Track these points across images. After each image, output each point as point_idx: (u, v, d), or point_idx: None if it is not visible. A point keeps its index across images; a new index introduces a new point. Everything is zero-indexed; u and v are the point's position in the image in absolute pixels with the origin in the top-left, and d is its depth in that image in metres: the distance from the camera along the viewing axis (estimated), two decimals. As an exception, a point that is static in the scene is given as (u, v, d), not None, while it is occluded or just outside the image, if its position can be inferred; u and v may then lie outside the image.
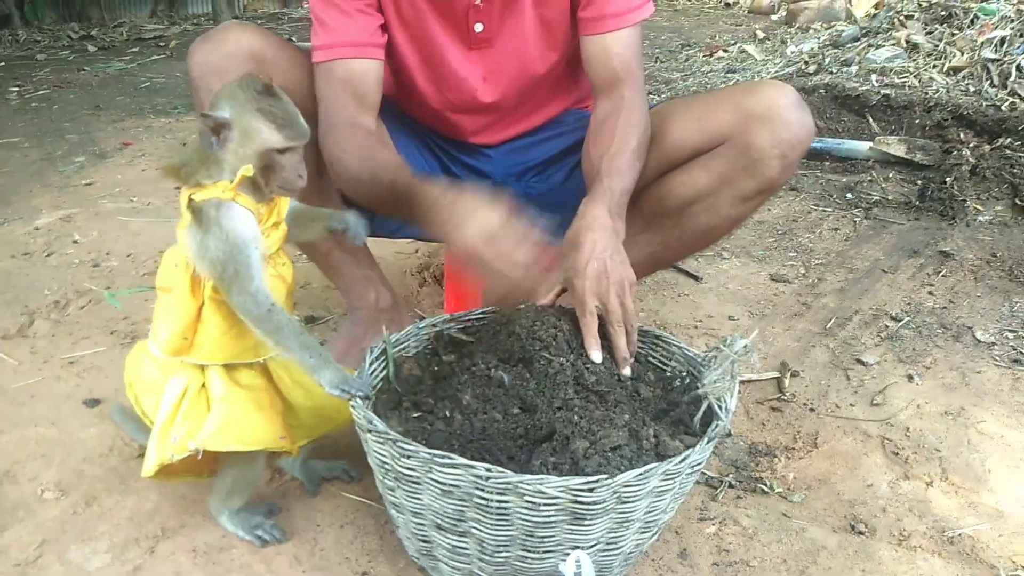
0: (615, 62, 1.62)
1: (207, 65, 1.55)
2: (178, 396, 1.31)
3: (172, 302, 1.28)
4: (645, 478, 1.12)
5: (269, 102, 1.20)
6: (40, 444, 1.68)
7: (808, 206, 3.19)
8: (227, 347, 1.30)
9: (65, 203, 3.14)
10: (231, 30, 1.57)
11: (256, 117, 1.19)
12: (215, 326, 1.28)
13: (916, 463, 1.67)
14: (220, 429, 1.28)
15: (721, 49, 6.18)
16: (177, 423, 1.30)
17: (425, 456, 1.12)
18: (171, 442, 1.30)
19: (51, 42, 7.01)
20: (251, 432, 1.30)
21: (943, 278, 2.54)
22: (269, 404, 1.35)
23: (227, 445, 1.29)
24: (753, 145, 1.56)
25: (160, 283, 1.31)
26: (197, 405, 1.31)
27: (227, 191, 1.21)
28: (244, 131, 1.19)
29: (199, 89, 1.57)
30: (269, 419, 1.33)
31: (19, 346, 2.08)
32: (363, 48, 1.58)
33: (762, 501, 1.54)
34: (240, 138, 1.19)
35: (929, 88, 4.14)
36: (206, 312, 1.27)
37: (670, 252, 1.81)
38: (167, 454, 1.30)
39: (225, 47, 1.54)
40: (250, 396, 1.33)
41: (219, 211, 1.20)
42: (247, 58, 1.54)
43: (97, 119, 4.49)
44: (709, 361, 1.31)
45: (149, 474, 1.32)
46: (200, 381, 1.33)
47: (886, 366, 2.04)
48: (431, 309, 2.26)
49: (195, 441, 1.27)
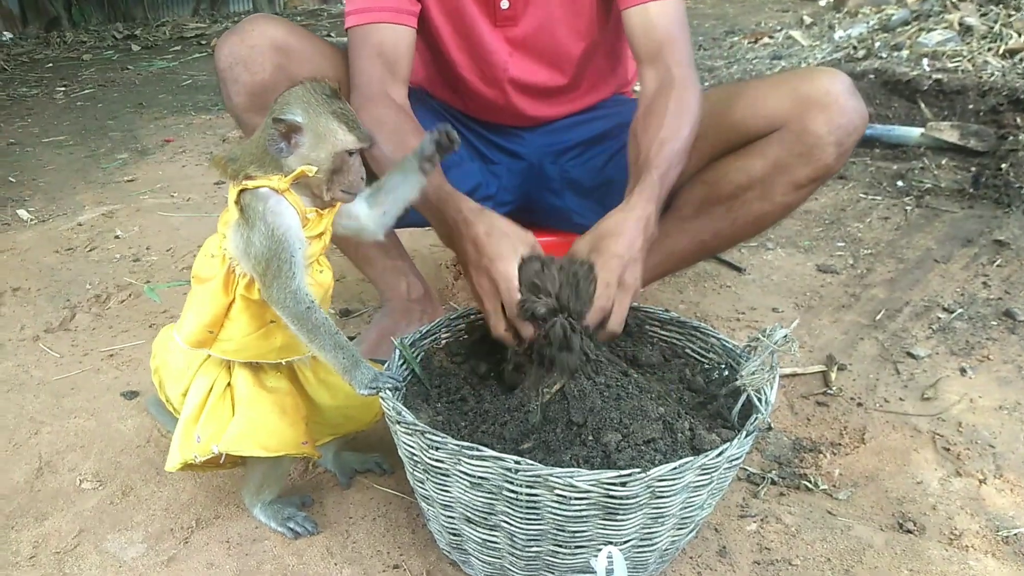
0: (658, 32, 1.56)
1: (233, 56, 1.55)
2: (204, 393, 1.32)
3: (203, 294, 1.27)
4: (680, 472, 1.08)
5: (340, 105, 1.20)
6: (79, 435, 1.70)
7: (857, 194, 3.09)
8: (250, 347, 1.29)
9: (108, 199, 3.18)
10: (257, 22, 1.58)
11: (331, 119, 1.18)
12: (242, 325, 1.27)
13: (969, 459, 1.60)
14: (243, 433, 1.29)
15: (766, 35, 6.04)
16: (201, 422, 1.30)
17: (454, 447, 1.10)
18: (194, 441, 1.30)
19: (97, 42, 7.15)
20: (273, 437, 1.30)
21: (998, 268, 2.43)
22: (293, 408, 1.34)
23: (249, 450, 1.29)
24: (810, 131, 1.54)
25: (195, 271, 1.30)
26: (222, 405, 1.31)
27: (283, 182, 1.19)
28: (318, 134, 1.18)
29: (226, 81, 1.57)
30: (292, 424, 1.32)
31: (60, 339, 2.11)
32: (398, 14, 1.57)
33: (806, 498, 1.49)
34: (313, 141, 1.18)
35: (984, 72, 3.98)
36: (235, 310, 1.26)
37: (720, 240, 1.77)
38: (190, 454, 1.30)
39: (251, 38, 1.55)
40: (274, 400, 1.32)
41: (267, 205, 1.18)
42: (273, 49, 1.54)
43: (140, 117, 4.56)
44: (748, 352, 1.27)
45: (172, 469, 1.34)
46: (226, 380, 1.33)
47: (938, 359, 1.96)
48: (466, 301, 2.24)
49: (218, 444, 1.28)
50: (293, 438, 1.32)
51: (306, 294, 1.20)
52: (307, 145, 1.18)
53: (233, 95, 1.58)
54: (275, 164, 1.19)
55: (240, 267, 1.23)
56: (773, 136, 1.59)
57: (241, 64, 1.54)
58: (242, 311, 1.26)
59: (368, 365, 1.23)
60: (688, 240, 1.75)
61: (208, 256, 1.28)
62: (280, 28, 1.57)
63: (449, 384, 1.38)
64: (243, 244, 1.20)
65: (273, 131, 1.17)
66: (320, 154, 1.18)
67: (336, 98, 1.20)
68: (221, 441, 1.28)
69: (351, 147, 1.19)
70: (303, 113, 1.17)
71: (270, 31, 1.55)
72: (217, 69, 1.60)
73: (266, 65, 1.54)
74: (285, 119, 1.16)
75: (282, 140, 1.17)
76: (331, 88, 1.20)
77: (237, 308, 1.26)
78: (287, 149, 1.18)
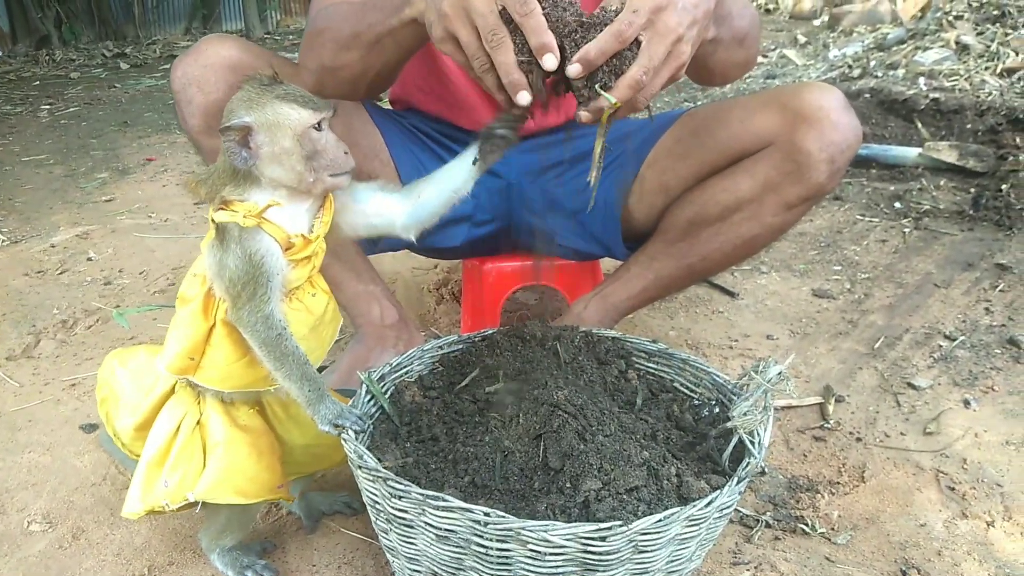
0: None
1: (187, 77, 1.49)
2: (171, 432, 1.22)
3: (184, 317, 1.19)
4: (665, 525, 0.98)
5: (282, 88, 1.11)
6: (32, 472, 1.60)
7: (854, 216, 3.01)
8: (235, 376, 1.20)
9: (83, 220, 3.10)
10: (211, 42, 1.52)
11: (277, 104, 1.10)
12: (225, 352, 1.18)
13: (975, 499, 1.50)
14: (220, 480, 1.19)
15: (761, 55, 6.01)
16: (169, 464, 1.20)
17: (418, 496, 1.01)
18: (162, 486, 1.20)
19: (86, 60, 7.11)
20: (251, 483, 1.21)
21: (1001, 293, 2.35)
22: (269, 450, 1.25)
23: (226, 498, 1.19)
24: (800, 148, 1.47)
25: (181, 292, 1.21)
26: (191, 446, 1.21)
27: (250, 216, 1.10)
28: (271, 125, 1.09)
29: (180, 102, 1.51)
30: (269, 468, 1.24)
31: (22, 367, 2.02)
32: None
33: (803, 543, 1.39)
34: (270, 134, 1.09)
35: (981, 91, 3.93)
36: (216, 336, 1.17)
37: (708, 264, 1.69)
38: (159, 501, 1.20)
39: (204, 59, 1.49)
40: (250, 441, 1.23)
41: (242, 233, 1.10)
42: (226, 68, 1.48)
43: (123, 135, 4.50)
44: (740, 389, 1.18)
45: (134, 517, 1.22)
46: (195, 417, 1.23)
47: (940, 390, 1.87)
48: (448, 327, 2.15)
49: (194, 492, 1.18)
50: (270, 482, 1.23)
51: (279, 320, 1.12)
52: (266, 141, 1.09)
53: (188, 116, 1.51)
54: (248, 177, 1.12)
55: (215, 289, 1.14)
56: (762, 154, 1.52)
57: (195, 85, 1.48)
58: (224, 337, 1.17)
59: (334, 400, 1.14)
60: (675, 264, 1.67)
61: (191, 276, 1.20)
62: (234, 47, 1.51)
63: (420, 422, 1.29)
64: (216, 266, 1.12)
65: (228, 143, 1.09)
66: (284, 143, 1.09)
67: (276, 83, 1.12)
68: (196, 488, 1.18)
69: (310, 121, 1.10)
70: (247, 111, 1.10)
71: (223, 51, 1.49)
72: (172, 91, 1.54)
73: (220, 85, 1.47)
74: (232, 125, 1.08)
75: (241, 148, 1.09)
76: (267, 77, 1.12)
77: (218, 334, 1.17)
78: (250, 155, 1.09)
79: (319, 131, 1.12)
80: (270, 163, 1.10)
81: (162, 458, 1.21)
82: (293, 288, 1.17)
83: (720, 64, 1.38)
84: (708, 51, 1.25)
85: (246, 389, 1.23)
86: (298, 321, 1.18)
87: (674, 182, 1.65)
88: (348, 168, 1.14)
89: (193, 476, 1.19)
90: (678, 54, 1.09)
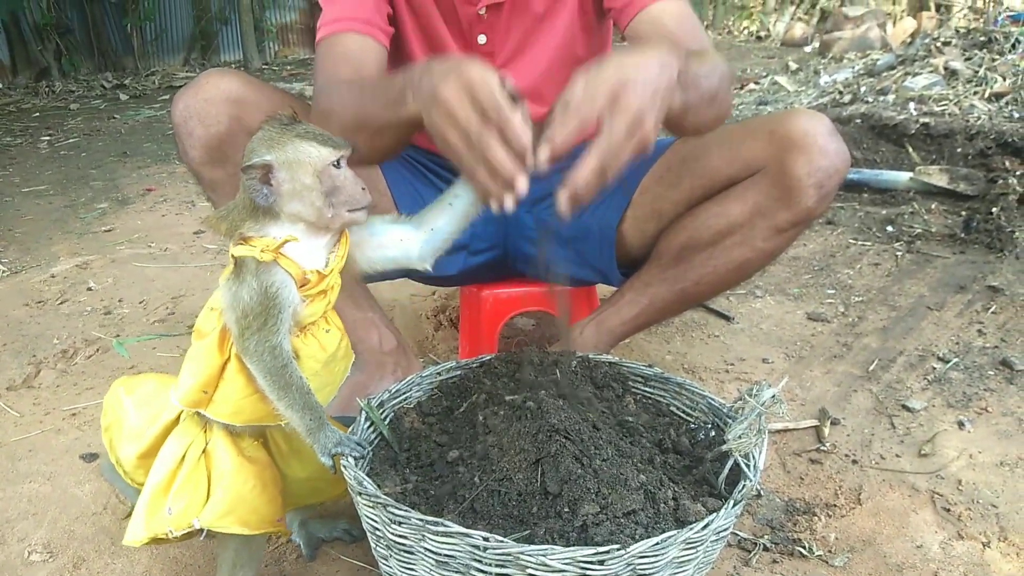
0: (669, 26, 1.50)
1: (188, 110, 1.52)
2: (176, 460, 1.21)
3: (200, 350, 1.19)
4: (663, 548, 0.99)
5: (302, 127, 1.14)
6: (33, 502, 1.61)
7: (846, 240, 3.04)
8: (247, 410, 1.20)
9: (83, 250, 3.12)
10: (211, 76, 1.55)
11: (298, 143, 1.12)
12: (238, 387, 1.18)
13: (970, 521, 1.52)
14: (226, 510, 1.19)
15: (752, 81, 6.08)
16: (173, 492, 1.20)
17: (417, 522, 1.02)
18: (166, 514, 1.19)
19: (85, 91, 7.17)
20: (254, 514, 1.21)
21: (993, 315, 2.37)
22: (272, 482, 1.25)
23: (229, 527, 1.19)
24: (789, 174, 1.49)
25: (198, 326, 1.22)
26: (196, 475, 1.21)
27: (267, 251, 1.13)
28: (292, 162, 1.12)
29: (181, 135, 1.54)
30: (272, 500, 1.24)
31: (23, 397, 2.02)
32: (369, 26, 1.53)
33: (800, 565, 1.40)
34: (291, 171, 1.12)
35: (970, 115, 3.98)
36: (230, 370, 1.18)
37: (702, 289, 1.70)
38: (162, 528, 1.19)
39: (205, 92, 1.51)
40: (256, 472, 1.23)
41: (258, 267, 1.12)
42: (227, 101, 1.51)
43: (123, 166, 4.53)
44: (735, 413, 1.19)
45: (136, 544, 1.22)
46: (201, 446, 1.23)
47: (934, 412, 1.89)
48: (446, 354, 2.17)
49: (200, 519, 1.18)
50: (271, 515, 1.23)
51: (286, 351, 1.13)
52: (287, 179, 1.12)
53: (189, 149, 1.53)
54: (268, 213, 1.14)
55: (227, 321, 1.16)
56: (752, 180, 1.55)
57: (196, 118, 1.50)
58: (237, 372, 1.18)
59: (333, 428, 1.15)
60: (670, 289, 1.69)
61: (208, 309, 1.21)
62: (234, 81, 1.53)
63: (419, 448, 1.30)
64: (231, 298, 1.14)
65: (250, 181, 1.11)
66: (304, 179, 1.12)
67: (296, 123, 1.15)
68: (202, 515, 1.18)
69: (329, 159, 1.13)
70: (268, 150, 1.12)
71: (224, 84, 1.52)
72: (173, 124, 1.56)
73: (221, 118, 1.50)
74: (254, 163, 1.11)
75: (262, 185, 1.11)
76: (287, 117, 1.15)
77: (232, 368, 1.18)
78: (271, 193, 1.12)
79: (338, 168, 1.15)
80: (290, 200, 1.13)
81: (167, 485, 1.21)
82: (308, 324, 1.19)
83: (691, 124, 1.39)
84: (678, 116, 1.25)
85: (257, 423, 1.23)
86: (311, 356, 1.19)
87: (666, 208, 1.67)
88: (366, 203, 1.16)
89: (197, 504, 1.19)
90: (642, 133, 1.10)
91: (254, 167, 1.11)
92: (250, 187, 1.12)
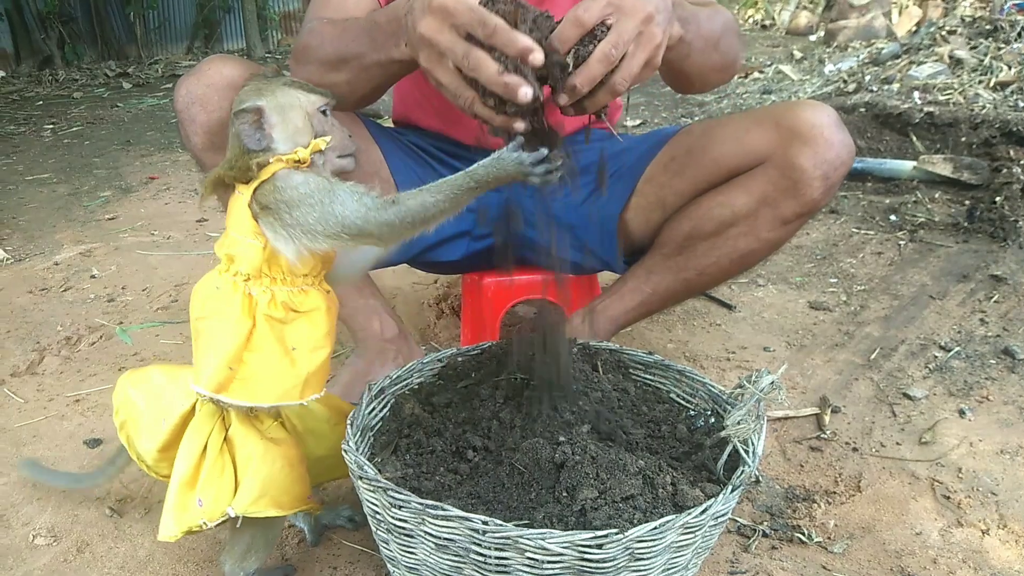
0: None
1: (191, 96, 1.52)
2: (197, 453, 1.20)
3: (218, 327, 1.16)
4: (661, 532, 1.00)
5: (288, 78, 1.20)
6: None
7: (849, 229, 3.04)
8: (274, 384, 1.17)
9: (87, 238, 3.13)
10: (213, 62, 1.55)
11: (287, 89, 1.17)
12: (266, 354, 1.15)
13: (970, 508, 1.52)
14: (259, 493, 1.18)
15: (756, 70, 6.06)
16: (201, 484, 1.19)
17: (417, 506, 1.02)
18: (196, 506, 1.18)
19: (88, 80, 7.16)
20: (286, 494, 1.21)
21: (995, 304, 2.37)
22: (298, 461, 1.25)
23: (265, 510, 1.19)
24: (795, 165, 1.50)
25: (198, 313, 1.19)
26: (221, 464, 1.20)
27: (304, 152, 1.14)
28: (283, 106, 1.16)
29: (184, 121, 1.54)
30: (301, 478, 1.24)
31: (27, 384, 2.03)
32: None
33: (800, 552, 1.41)
34: (282, 115, 1.15)
35: (975, 104, 3.96)
36: (257, 336, 1.15)
37: (705, 279, 1.71)
38: (196, 520, 1.18)
39: (207, 78, 1.51)
40: (283, 453, 1.22)
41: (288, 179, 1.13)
42: (229, 87, 1.50)
43: (126, 154, 4.53)
44: (734, 399, 1.20)
45: (171, 539, 1.20)
46: (221, 436, 1.21)
47: (935, 400, 1.89)
48: (448, 341, 2.17)
49: (234, 507, 1.17)
50: (302, 493, 1.24)
51: (379, 193, 1.14)
52: (279, 121, 1.15)
53: (191, 135, 1.53)
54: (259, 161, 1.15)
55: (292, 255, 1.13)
56: (757, 171, 1.55)
57: (198, 104, 1.51)
58: (265, 336, 1.15)
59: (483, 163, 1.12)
60: (672, 278, 1.69)
61: (212, 289, 1.18)
62: (236, 67, 1.54)
63: (419, 434, 1.31)
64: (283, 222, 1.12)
65: (242, 126, 1.14)
66: (296, 122, 1.16)
67: (282, 75, 1.20)
68: (235, 503, 1.17)
69: (318, 103, 1.18)
70: (259, 96, 1.15)
71: (226, 70, 1.52)
72: (175, 110, 1.57)
73: (223, 104, 1.50)
74: (245, 108, 1.14)
75: (254, 130, 1.14)
76: (272, 70, 1.21)
77: (259, 333, 1.15)
78: (263, 136, 1.14)
79: (325, 116, 1.19)
80: (283, 143, 1.15)
81: (192, 479, 1.20)
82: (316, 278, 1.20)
83: (696, 67, 1.40)
84: (681, 53, 1.28)
85: (278, 402, 1.20)
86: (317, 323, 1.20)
87: (671, 197, 1.67)
88: (352, 150, 1.21)
89: (227, 493, 1.18)
90: (650, 34, 1.10)
91: (246, 111, 1.13)
92: (242, 131, 1.14)
